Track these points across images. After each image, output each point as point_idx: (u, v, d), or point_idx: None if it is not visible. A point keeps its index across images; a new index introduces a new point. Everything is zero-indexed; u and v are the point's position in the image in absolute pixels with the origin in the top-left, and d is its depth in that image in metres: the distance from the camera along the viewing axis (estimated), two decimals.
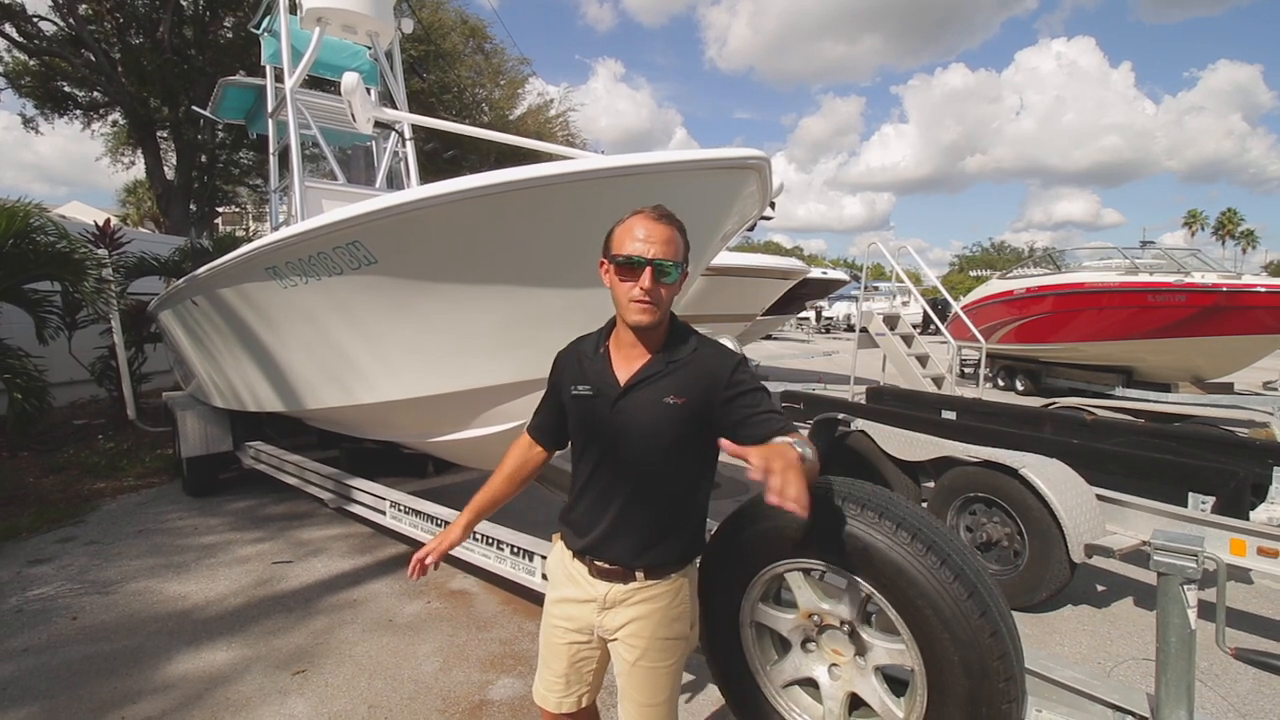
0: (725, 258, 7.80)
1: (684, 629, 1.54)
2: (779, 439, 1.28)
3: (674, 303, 1.45)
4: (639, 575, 1.47)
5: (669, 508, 1.50)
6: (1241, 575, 3.70)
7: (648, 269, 1.33)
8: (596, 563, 1.49)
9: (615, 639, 1.51)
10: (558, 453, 1.73)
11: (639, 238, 1.35)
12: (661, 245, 1.35)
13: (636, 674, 1.49)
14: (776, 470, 1.10)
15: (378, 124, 4.46)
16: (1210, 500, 3.37)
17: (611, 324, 1.51)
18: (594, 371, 1.48)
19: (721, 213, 2.31)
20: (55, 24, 12.87)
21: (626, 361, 1.46)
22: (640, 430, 1.42)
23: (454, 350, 2.88)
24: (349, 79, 2.62)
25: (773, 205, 2.83)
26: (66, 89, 14.44)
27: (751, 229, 3.02)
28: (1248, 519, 3.24)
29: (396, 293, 2.79)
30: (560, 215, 2.31)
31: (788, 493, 1.09)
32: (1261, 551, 2.92)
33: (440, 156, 14.98)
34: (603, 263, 1.41)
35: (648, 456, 1.44)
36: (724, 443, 1.25)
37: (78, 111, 15.01)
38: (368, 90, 5.32)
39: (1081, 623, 3.32)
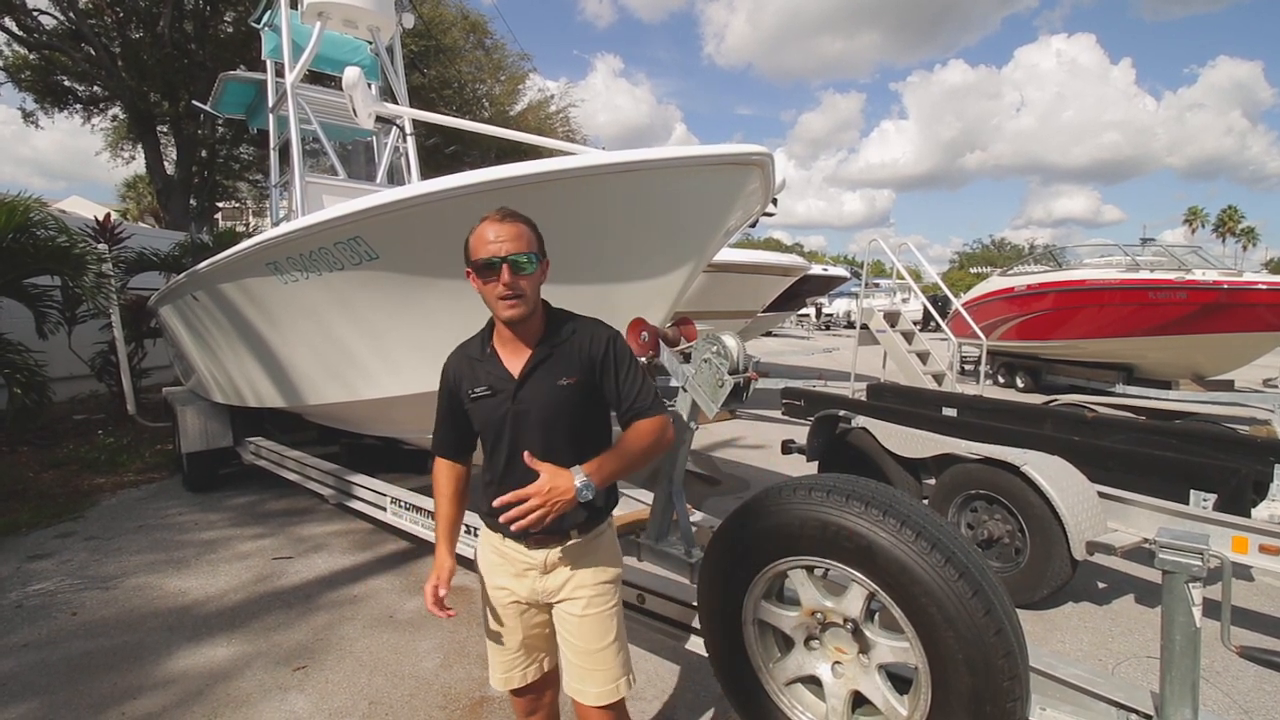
0: (726, 254, 7.79)
1: (617, 571, 1.67)
2: (574, 471, 1.43)
3: (681, 295, 1.45)
4: (574, 534, 1.57)
5: None
6: (1242, 572, 3.70)
7: (505, 266, 1.42)
8: (533, 536, 1.54)
9: (559, 599, 1.59)
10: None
11: (490, 239, 1.44)
12: (512, 242, 1.43)
13: (587, 623, 1.57)
14: (532, 501, 1.37)
15: (379, 119, 4.44)
16: (1211, 498, 3.36)
17: (491, 325, 1.58)
18: (485, 371, 1.55)
19: (725, 209, 2.29)
20: (55, 18, 12.82)
21: (514, 355, 1.54)
22: (542, 415, 1.50)
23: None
24: (351, 74, 2.61)
25: (775, 201, 2.82)
26: (66, 83, 14.39)
27: (753, 225, 3.01)
28: (1249, 516, 3.23)
29: (398, 288, 2.78)
30: (563, 211, 2.30)
31: (520, 518, 1.38)
32: (1263, 549, 2.92)
33: (441, 152, 14.95)
34: (468, 272, 1.50)
35: (554, 436, 1.51)
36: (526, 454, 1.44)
37: (78, 106, 14.95)
38: (368, 85, 5.30)
39: (1083, 620, 3.32)
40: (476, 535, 2.63)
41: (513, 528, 1.41)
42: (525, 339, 1.53)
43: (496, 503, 1.43)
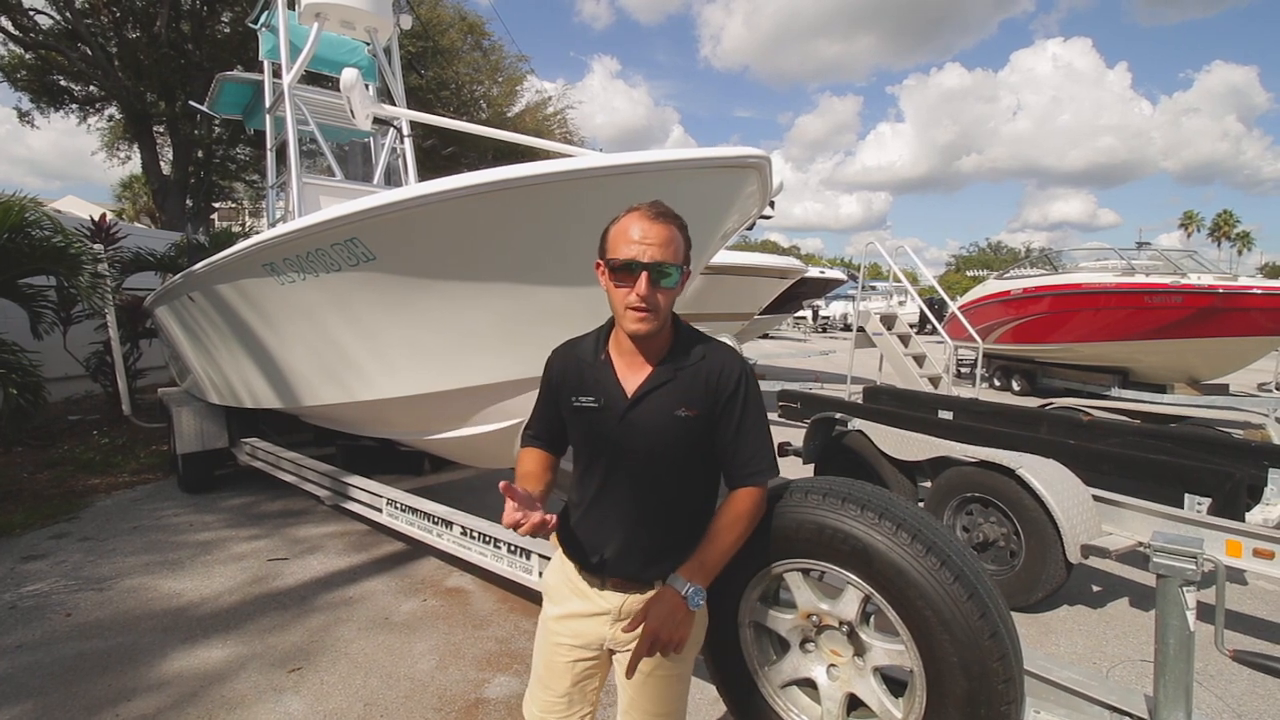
0: (723, 256, 7.80)
1: (698, 634, 1.51)
2: (673, 582, 1.35)
3: (678, 298, 1.41)
4: (657, 584, 1.42)
5: (683, 517, 1.44)
6: (1236, 576, 3.72)
7: (644, 274, 1.24)
8: (611, 577, 1.44)
9: (629, 650, 1.42)
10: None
11: (635, 239, 1.26)
12: (660, 247, 1.25)
13: (651, 684, 1.44)
14: (652, 644, 1.30)
15: (376, 120, 4.44)
16: (1206, 501, 3.38)
17: (610, 325, 1.43)
18: (595, 380, 1.39)
19: (722, 212, 2.30)
20: (51, 17, 12.79)
21: (631, 369, 1.38)
22: (651, 443, 1.36)
23: (452, 347, 2.87)
24: (348, 75, 2.61)
25: (772, 204, 2.83)
26: (63, 83, 14.36)
27: (750, 227, 3.02)
28: (1243, 520, 3.25)
29: (395, 290, 2.78)
30: (560, 213, 2.30)
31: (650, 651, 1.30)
32: (1257, 553, 2.93)
33: (439, 153, 14.96)
34: (599, 264, 1.33)
35: (660, 469, 1.38)
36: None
37: (74, 106, 14.92)
38: (366, 86, 5.30)
39: (1077, 623, 3.33)
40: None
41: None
42: (647, 354, 1.37)
43: (626, 628, 1.35)
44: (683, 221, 1.34)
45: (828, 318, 30.87)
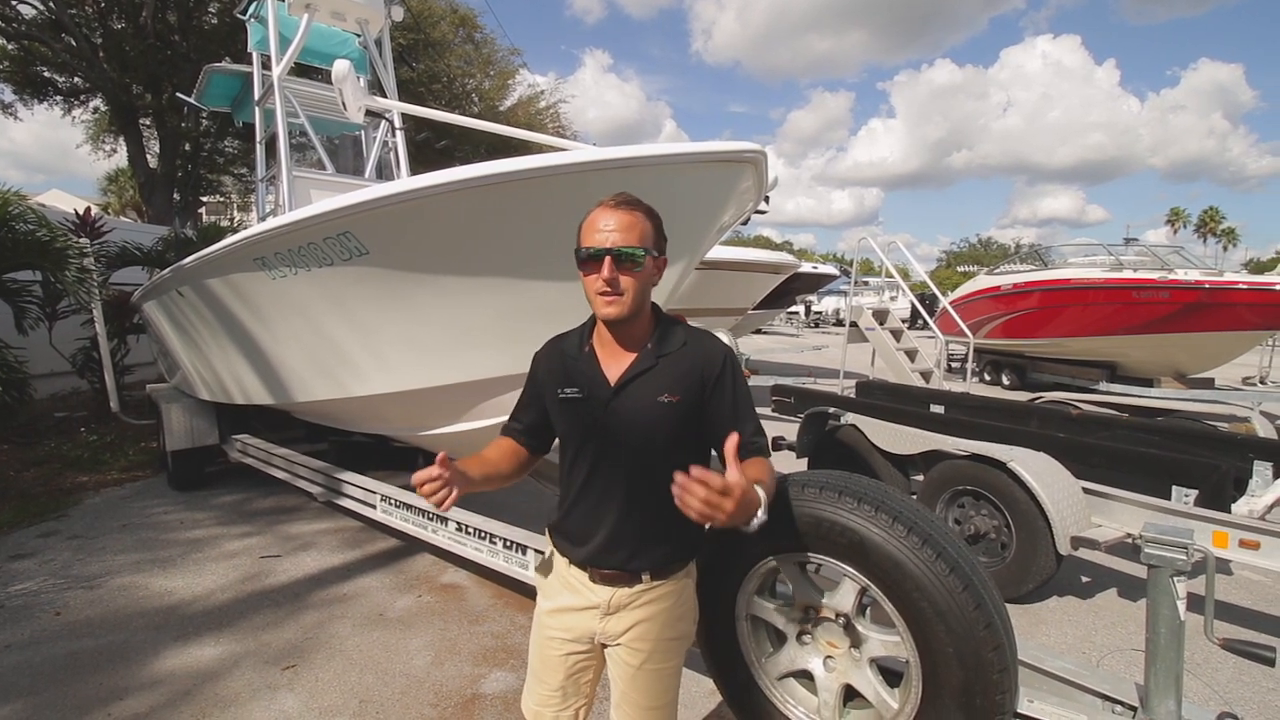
0: (716, 252, 7.79)
1: (688, 628, 1.52)
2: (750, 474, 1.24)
3: (673, 294, 1.42)
4: (645, 577, 1.43)
5: (670, 507, 1.40)
6: (1221, 567, 3.77)
7: (607, 259, 1.29)
8: (600, 570, 1.44)
9: (618, 644, 1.46)
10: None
11: (599, 228, 1.32)
12: (622, 233, 1.30)
13: (641, 677, 1.45)
14: (728, 500, 1.11)
15: (368, 113, 4.40)
16: (1193, 493, 3.42)
17: (593, 320, 1.45)
18: (580, 372, 1.42)
19: (718, 206, 2.30)
20: (34, 7, 12.58)
21: (614, 359, 1.40)
22: (636, 430, 1.37)
23: (447, 343, 2.86)
24: (340, 66, 2.58)
25: (767, 199, 2.83)
26: (46, 74, 14.14)
27: (745, 222, 3.02)
28: (1229, 511, 3.29)
29: (388, 284, 2.76)
30: (555, 207, 2.29)
31: (704, 514, 1.12)
32: (1243, 544, 2.97)
33: (432, 147, 14.85)
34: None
35: (645, 457, 1.38)
36: (728, 445, 1.18)
37: (58, 97, 14.69)
38: (358, 78, 5.24)
39: (1067, 614, 3.37)
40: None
41: (695, 516, 1.14)
42: (628, 343, 1.40)
43: (680, 480, 1.11)
44: (649, 208, 1.37)
45: (820, 313, 31.02)
